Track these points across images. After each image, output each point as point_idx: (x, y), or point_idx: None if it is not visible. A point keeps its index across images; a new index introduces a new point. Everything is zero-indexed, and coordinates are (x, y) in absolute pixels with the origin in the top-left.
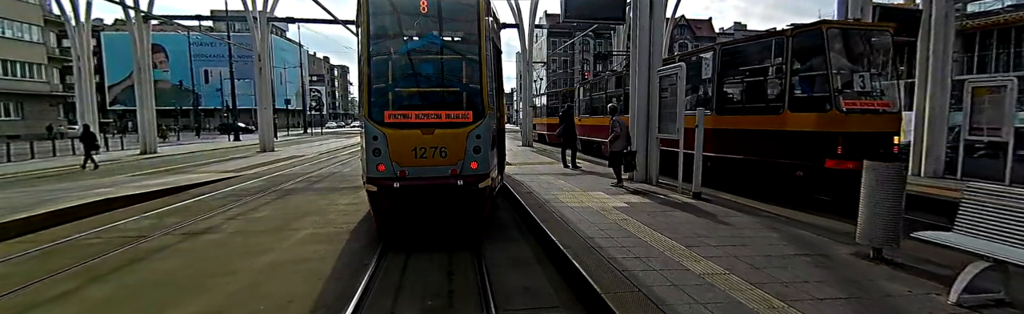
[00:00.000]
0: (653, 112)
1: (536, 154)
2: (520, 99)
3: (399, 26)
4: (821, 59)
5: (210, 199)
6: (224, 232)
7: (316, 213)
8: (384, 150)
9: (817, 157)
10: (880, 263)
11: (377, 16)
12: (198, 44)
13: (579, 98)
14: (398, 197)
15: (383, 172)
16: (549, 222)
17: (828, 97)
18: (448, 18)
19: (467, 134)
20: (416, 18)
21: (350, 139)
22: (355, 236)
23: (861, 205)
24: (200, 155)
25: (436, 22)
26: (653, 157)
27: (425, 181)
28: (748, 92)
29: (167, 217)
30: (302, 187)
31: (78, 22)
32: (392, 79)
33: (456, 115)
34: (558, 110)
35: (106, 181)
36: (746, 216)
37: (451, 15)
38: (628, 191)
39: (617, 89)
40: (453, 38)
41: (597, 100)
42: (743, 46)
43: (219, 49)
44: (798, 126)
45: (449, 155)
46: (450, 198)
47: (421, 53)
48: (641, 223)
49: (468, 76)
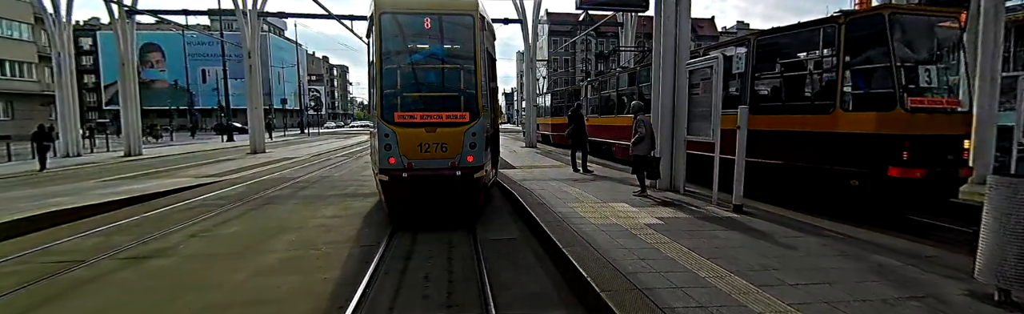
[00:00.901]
0: (681, 111)
1: (542, 156)
2: (523, 98)
3: (406, 41)
4: (882, 50)
5: (177, 210)
6: (176, 256)
7: (294, 228)
8: (394, 145)
9: (877, 164)
10: (1013, 311)
11: (388, 32)
12: (196, 43)
13: (586, 96)
14: (406, 185)
15: (393, 164)
16: (574, 247)
17: (891, 94)
18: (448, 33)
19: (464, 132)
20: (420, 34)
21: (347, 140)
22: (332, 263)
23: (983, 232)
24: (187, 157)
25: (438, 37)
26: (679, 162)
27: (428, 172)
28: (788, 88)
29: (118, 234)
30: (286, 194)
31: (58, 15)
32: (400, 86)
33: (455, 116)
34: (563, 109)
35: (68, 188)
36: (809, 237)
37: (450, 31)
38: (655, 202)
39: (629, 86)
40: (452, 50)
41: (607, 98)
42: (784, 36)
43: (217, 48)
44: (853, 127)
45: (449, 150)
46: (449, 186)
47: (425, 63)
48: (686, 248)
49: (465, 82)
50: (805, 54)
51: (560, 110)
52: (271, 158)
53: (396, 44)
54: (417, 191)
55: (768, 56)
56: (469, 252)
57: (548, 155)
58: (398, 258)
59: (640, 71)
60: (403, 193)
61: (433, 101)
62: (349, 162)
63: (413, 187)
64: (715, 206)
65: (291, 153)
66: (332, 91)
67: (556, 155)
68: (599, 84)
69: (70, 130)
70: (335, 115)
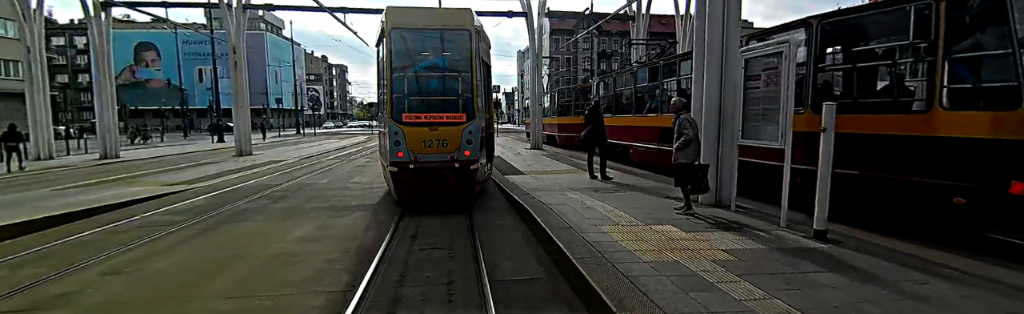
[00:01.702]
0: (731, 110)
1: (551, 160)
2: (527, 97)
3: (412, 52)
4: (998, 31)
5: (115, 231)
6: (68, 310)
7: (250, 258)
8: (403, 141)
9: (993, 177)
10: None
11: (397, 45)
12: (193, 42)
13: (599, 94)
14: (412, 175)
15: (402, 158)
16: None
17: (1015, 88)
18: (447, 45)
19: (462, 130)
20: (424, 46)
21: (345, 140)
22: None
23: None
24: (166, 160)
25: (439, 49)
26: (729, 172)
27: (431, 164)
28: (863, 82)
29: (27, 267)
30: (257, 207)
31: (28, 9)
32: (407, 90)
33: (454, 116)
34: (570, 108)
35: (12, 198)
36: (938, 281)
37: (450, 43)
38: (709, 224)
39: (650, 83)
40: (451, 60)
41: (622, 96)
42: (858, 17)
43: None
44: (959, 131)
45: (449, 145)
46: (448, 177)
47: (428, 71)
48: (793, 309)
49: (462, 87)
50: (888, 39)
51: (566, 109)
52: (256, 161)
53: (404, 55)
54: (421, 180)
55: (838, 42)
56: None
57: (557, 158)
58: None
59: (663, 66)
60: (409, 182)
61: (435, 104)
62: (340, 166)
63: (418, 177)
64: (785, 230)
65: (279, 155)
66: (331, 91)
67: (565, 158)
68: (613, 81)
69: (41, 131)
70: (334, 115)
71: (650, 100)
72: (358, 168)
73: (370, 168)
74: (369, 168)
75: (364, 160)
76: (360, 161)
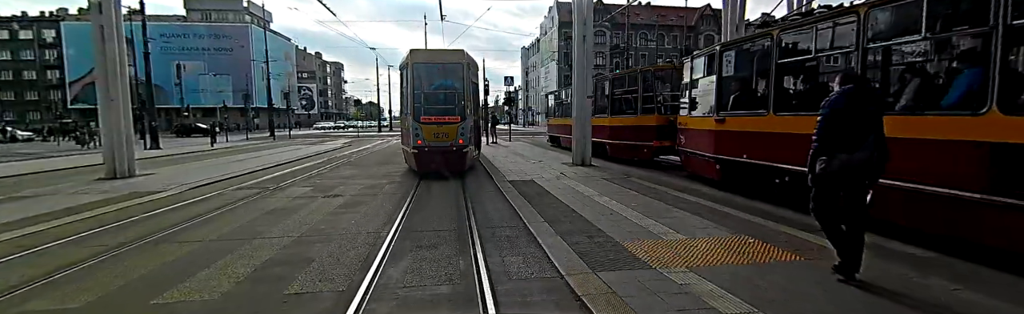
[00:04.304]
0: None
1: (677, 210)
2: (527, 96)
3: (426, 78)
4: None
5: None
6: None
7: None
8: (421, 134)
9: None
10: None
11: (418, 73)
12: (173, 35)
13: (720, 76)
14: (426, 155)
15: (420, 145)
16: None
17: None
18: (449, 73)
19: (457, 127)
20: (434, 73)
21: (318, 145)
22: None
23: None
24: None
25: (443, 75)
26: None
27: (438, 148)
28: None
29: None
30: None
31: None
32: (424, 101)
33: (453, 118)
34: (632, 103)
35: None
36: None
37: (450, 72)
38: None
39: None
40: (451, 82)
41: (751, 89)
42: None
43: (196, 42)
44: None
45: (449, 136)
46: (448, 155)
47: (436, 89)
48: None
49: (458, 100)
50: None
51: (627, 104)
52: (105, 196)
53: (421, 79)
54: (432, 158)
55: None
56: None
57: (677, 203)
58: None
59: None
60: (424, 159)
61: (441, 110)
62: (244, 207)
63: (430, 156)
64: None
65: (186, 175)
66: (326, 89)
67: (674, 196)
68: (749, 52)
69: None
70: (329, 115)
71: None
72: (267, 216)
73: (298, 213)
74: (296, 214)
75: (304, 190)
76: (297, 192)
